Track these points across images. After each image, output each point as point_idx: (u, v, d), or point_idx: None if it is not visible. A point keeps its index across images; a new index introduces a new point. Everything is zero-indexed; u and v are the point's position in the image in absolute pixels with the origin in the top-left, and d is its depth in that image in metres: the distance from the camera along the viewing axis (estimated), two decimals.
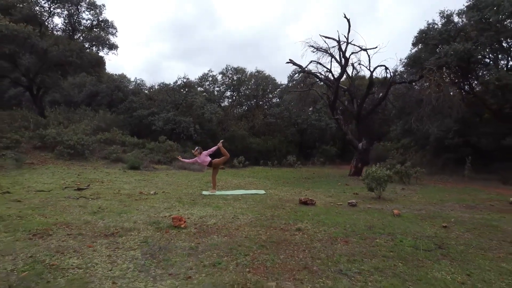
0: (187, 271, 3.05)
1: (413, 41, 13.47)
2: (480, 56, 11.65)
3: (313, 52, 12.07)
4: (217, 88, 24.35)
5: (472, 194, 8.50)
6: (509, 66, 12.04)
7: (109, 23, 21.03)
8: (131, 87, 30.59)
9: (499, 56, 12.19)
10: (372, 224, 5.03)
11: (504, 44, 11.53)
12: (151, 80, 54.57)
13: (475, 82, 12.89)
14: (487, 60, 12.41)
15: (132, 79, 28.66)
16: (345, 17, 11.25)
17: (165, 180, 10.27)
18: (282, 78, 58.97)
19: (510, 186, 10.48)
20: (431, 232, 4.69)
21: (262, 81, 24.19)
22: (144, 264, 3.21)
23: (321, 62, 12.92)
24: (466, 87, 13.03)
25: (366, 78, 16.30)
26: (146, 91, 26.56)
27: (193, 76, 59.43)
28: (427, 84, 10.15)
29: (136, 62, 57.46)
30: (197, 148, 8.34)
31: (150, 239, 4.03)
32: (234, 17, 73.57)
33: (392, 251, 3.82)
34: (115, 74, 28.99)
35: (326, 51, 12.04)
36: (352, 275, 3.06)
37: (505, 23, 10.36)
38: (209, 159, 8.15)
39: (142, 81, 27.79)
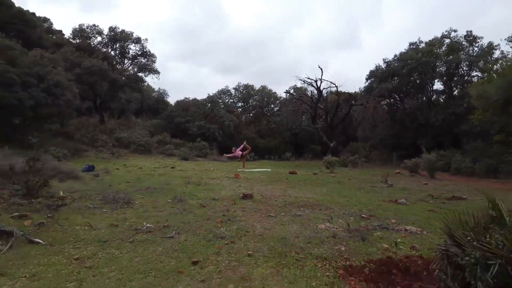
0: (250, 183, 9.80)
1: (366, 77, 20.34)
2: (407, 91, 18.38)
3: (301, 84, 18.80)
4: (231, 100, 31.12)
5: (384, 171, 15.18)
6: (427, 95, 18.84)
7: (150, 53, 27.69)
8: (155, 95, 37.93)
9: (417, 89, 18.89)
10: (318, 178, 11.79)
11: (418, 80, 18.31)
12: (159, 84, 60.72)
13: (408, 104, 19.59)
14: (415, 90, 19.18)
15: (156, 89, 35.69)
16: (319, 67, 18.05)
17: (210, 165, 16.98)
18: (284, 77, 64.89)
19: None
20: (341, 179, 11.43)
21: (266, 94, 30.94)
22: (234, 182, 9.97)
23: (307, 89, 19.69)
24: (401, 107, 19.77)
25: (344, 92, 23.17)
26: (167, 100, 33.60)
27: (200, 76, 65.08)
28: (367, 106, 16.81)
29: None
30: (233, 147, 15.07)
31: (229, 179, 10.75)
32: (239, 19, 79.68)
33: (319, 182, 10.58)
34: (143, 85, 35.93)
35: (310, 83, 18.77)
36: (300, 184, 9.82)
37: (414, 73, 17.05)
38: (240, 152, 14.87)
39: (165, 90, 34.83)
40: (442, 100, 18.76)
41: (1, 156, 8.81)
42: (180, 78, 63.60)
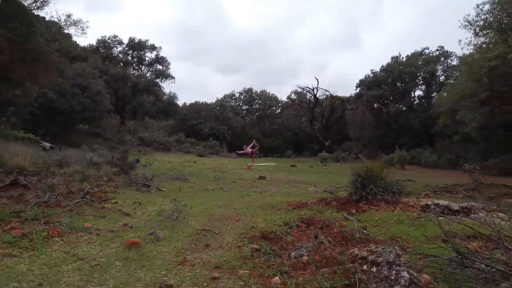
0: (261, 172, 13.02)
1: (356, 84, 23.63)
2: (391, 98, 21.63)
3: (301, 91, 22.00)
4: (237, 103, 34.35)
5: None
6: (409, 100, 22.09)
7: (165, 59, 30.83)
8: (166, 98, 41.17)
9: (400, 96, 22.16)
10: (313, 169, 15.00)
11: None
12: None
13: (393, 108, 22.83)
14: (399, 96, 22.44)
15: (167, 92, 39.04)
16: (315, 78, 21.19)
17: (224, 160, 20.19)
18: (285, 77, 67.45)
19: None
20: (331, 170, 14.63)
21: (268, 98, 34.13)
22: (248, 171, 13.19)
23: (305, 95, 22.88)
24: (386, 110, 23.07)
25: (338, 97, 26.43)
26: (177, 102, 36.91)
27: (200, 76, 67.65)
28: (357, 111, 20.04)
29: None
30: (244, 146, 18.30)
31: (244, 170, 13.96)
32: (240, 19, 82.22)
33: (313, 172, 13.79)
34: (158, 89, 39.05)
35: (308, 91, 21.98)
36: (298, 173, 13.04)
37: (397, 82, 20.32)
38: (250, 149, 18.10)
39: (175, 93, 38.20)
40: (421, 105, 21.95)
41: (82, 150, 12.05)
42: (181, 78, 66.03)
